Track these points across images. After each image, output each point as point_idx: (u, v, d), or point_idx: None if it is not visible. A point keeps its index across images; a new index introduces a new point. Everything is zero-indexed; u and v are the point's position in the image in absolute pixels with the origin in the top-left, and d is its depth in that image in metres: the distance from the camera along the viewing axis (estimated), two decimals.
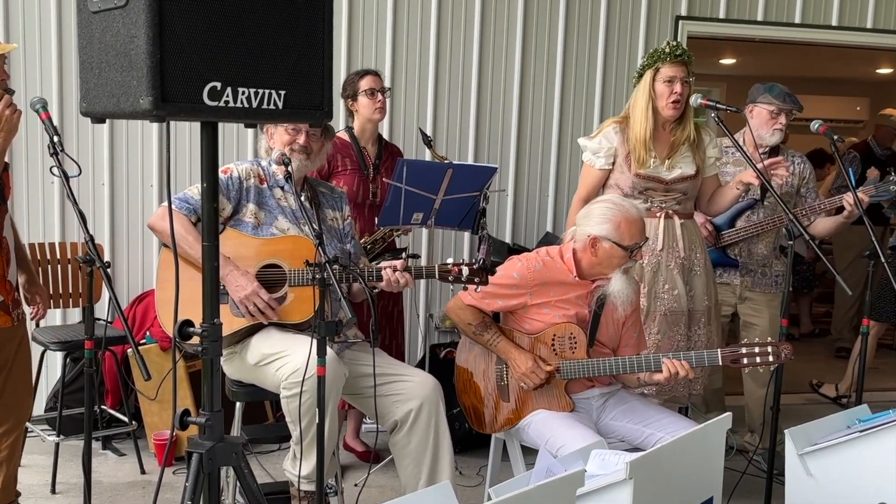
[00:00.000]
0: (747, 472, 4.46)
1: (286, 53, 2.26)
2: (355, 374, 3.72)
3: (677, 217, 4.47)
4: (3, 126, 3.42)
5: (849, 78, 11.34)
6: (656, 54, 4.37)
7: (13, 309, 3.77)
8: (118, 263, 5.71)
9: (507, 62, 6.16)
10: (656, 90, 4.37)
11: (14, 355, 3.87)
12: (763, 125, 4.93)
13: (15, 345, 3.87)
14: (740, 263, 5.05)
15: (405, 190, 4.55)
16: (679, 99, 4.35)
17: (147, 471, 4.97)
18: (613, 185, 4.48)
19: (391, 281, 3.60)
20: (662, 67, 4.36)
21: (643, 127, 4.36)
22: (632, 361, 3.74)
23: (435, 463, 3.71)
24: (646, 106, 4.38)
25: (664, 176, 4.40)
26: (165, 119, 2.11)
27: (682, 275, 4.44)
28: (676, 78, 4.35)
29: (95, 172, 5.60)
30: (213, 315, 2.41)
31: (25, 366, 3.99)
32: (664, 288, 4.40)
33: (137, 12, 2.03)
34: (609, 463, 2.89)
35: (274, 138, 3.86)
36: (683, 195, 4.49)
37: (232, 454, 2.48)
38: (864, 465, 3.27)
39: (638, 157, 4.36)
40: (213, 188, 2.41)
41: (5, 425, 3.93)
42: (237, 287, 3.61)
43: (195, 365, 5.12)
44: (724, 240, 5.03)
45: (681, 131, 4.45)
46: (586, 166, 4.57)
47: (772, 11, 6.54)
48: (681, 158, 4.45)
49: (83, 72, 2.24)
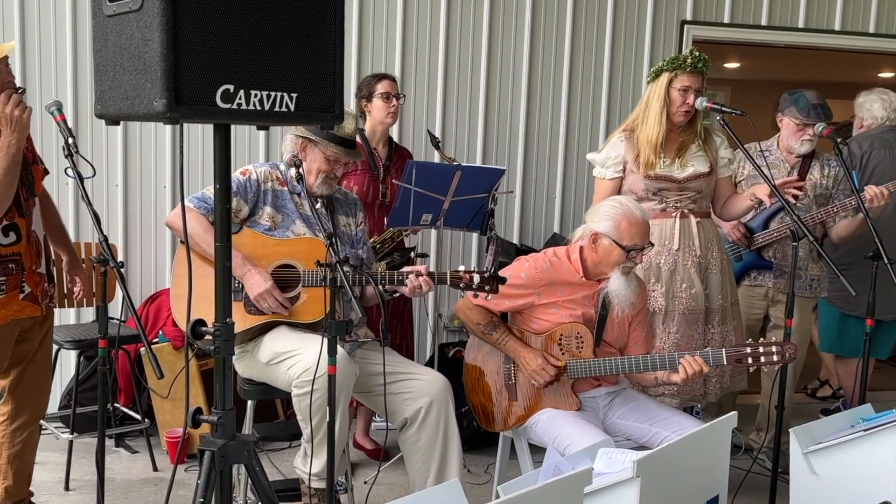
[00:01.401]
0: (752, 471, 4.45)
1: (298, 57, 2.25)
2: (366, 373, 3.71)
3: (693, 216, 4.45)
4: (14, 126, 3.43)
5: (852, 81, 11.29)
6: (678, 61, 4.35)
7: (42, 300, 3.81)
8: (131, 263, 5.72)
9: (515, 66, 6.16)
10: (671, 96, 4.36)
11: (36, 348, 3.92)
12: (791, 136, 4.88)
13: (39, 337, 3.92)
14: (774, 265, 5.00)
15: (414, 191, 4.55)
16: (690, 109, 4.36)
17: (159, 468, 4.97)
18: (628, 190, 4.47)
19: (415, 287, 3.58)
20: (681, 75, 4.34)
21: (656, 132, 4.35)
22: (643, 360, 3.73)
23: (444, 460, 3.71)
24: (661, 110, 4.36)
25: (676, 175, 4.38)
26: (179, 121, 2.10)
27: (699, 273, 4.43)
28: (691, 88, 4.35)
29: (109, 174, 5.60)
30: (225, 314, 2.40)
31: (45, 361, 4.03)
32: (682, 287, 4.39)
33: (152, 16, 2.02)
34: (616, 461, 2.88)
35: (307, 152, 3.85)
36: (698, 193, 4.46)
37: (243, 452, 2.47)
38: (867, 464, 3.26)
39: (647, 159, 4.35)
40: (226, 189, 2.40)
41: (20, 419, 3.95)
42: (253, 285, 3.61)
43: (207, 363, 5.13)
44: (757, 241, 5.01)
45: (689, 132, 4.45)
46: (598, 180, 4.56)
47: (775, 16, 6.53)
48: (692, 157, 4.43)
49: (98, 74, 2.23)
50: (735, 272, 5.00)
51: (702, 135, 4.49)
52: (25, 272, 3.72)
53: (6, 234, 3.65)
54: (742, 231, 4.99)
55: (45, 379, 4.07)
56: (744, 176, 5.06)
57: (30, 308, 3.76)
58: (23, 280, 3.72)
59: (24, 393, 3.93)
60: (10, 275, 3.67)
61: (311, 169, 3.83)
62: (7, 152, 3.44)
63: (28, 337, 3.86)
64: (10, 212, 3.62)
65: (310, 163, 3.83)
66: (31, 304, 3.76)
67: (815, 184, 4.97)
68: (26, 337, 3.86)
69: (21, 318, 3.75)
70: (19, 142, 3.46)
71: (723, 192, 4.63)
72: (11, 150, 3.44)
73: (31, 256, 3.74)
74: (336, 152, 3.79)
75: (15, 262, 3.69)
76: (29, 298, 3.75)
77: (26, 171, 3.70)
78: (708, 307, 4.48)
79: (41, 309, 3.81)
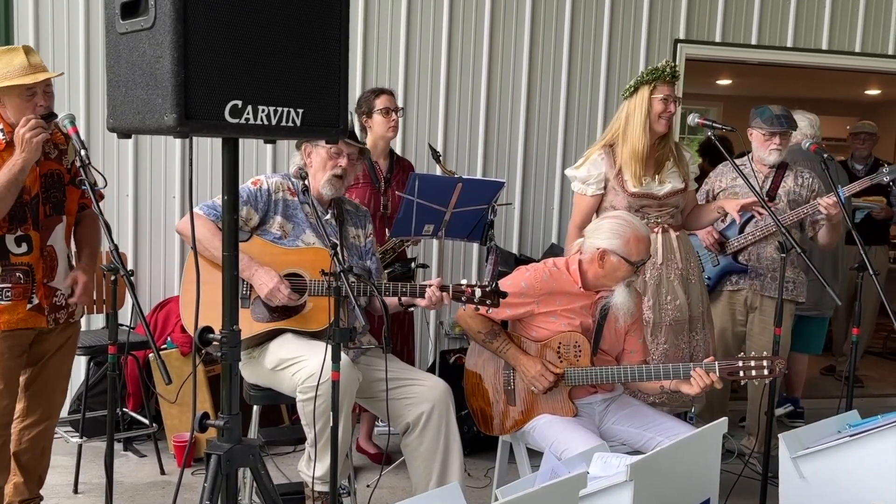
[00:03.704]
0: (743, 475, 4.45)
1: (304, 73, 2.27)
2: (369, 379, 3.71)
3: (673, 231, 4.48)
4: (24, 147, 3.51)
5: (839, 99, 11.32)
6: (657, 72, 4.37)
7: (49, 312, 3.80)
8: (141, 271, 5.71)
9: (515, 82, 6.18)
10: (653, 106, 4.36)
11: (53, 352, 3.93)
12: (760, 147, 4.97)
13: (59, 342, 3.93)
14: (749, 268, 5.05)
15: (417, 203, 4.56)
16: (670, 117, 4.38)
17: (167, 471, 4.97)
18: (609, 206, 4.46)
19: (433, 299, 3.60)
20: (660, 86, 4.37)
21: (641, 143, 4.36)
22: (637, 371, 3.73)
23: (445, 464, 3.70)
24: (644, 121, 4.37)
25: (657, 192, 4.40)
26: (189, 135, 2.11)
27: (682, 285, 4.45)
28: (670, 97, 4.38)
29: (120, 184, 5.61)
30: (232, 321, 2.41)
31: (62, 366, 4.03)
32: (667, 300, 4.40)
33: (163, 34, 2.04)
34: (611, 465, 2.89)
35: (311, 157, 3.86)
36: (676, 208, 4.50)
37: (249, 456, 2.48)
38: (853, 468, 3.27)
39: (633, 172, 4.36)
40: (234, 201, 2.41)
41: (31, 417, 3.96)
42: (261, 284, 3.62)
43: (214, 369, 5.13)
44: (731, 246, 5.05)
45: (664, 147, 4.48)
46: (578, 195, 4.56)
47: (765, 35, 6.56)
48: (668, 174, 4.46)
49: (110, 90, 2.25)
50: (713, 278, 5.07)
51: (675, 150, 4.52)
52: (36, 284, 3.74)
53: (18, 244, 3.69)
54: (716, 237, 5.06)
55: (61, 383, 4.06)
56: (722, 187, 5.11)
57: (35, 319, 3.76)
58: (33, 291, 3.73)
59: (36, 393, 3.94)
60: (17, 283, 3.69)
61: (317, 171, 3.84)
62: (11, 169, 3.53)
63: (46, 339, 3.88)
64: (24, 224, 3.67)
65: (315, 165, 3.84)
66: (37, 315, 3.77)
67: (788, 190, 5.05)
68: (45, 339, 3.87)
69: (27, 327, 3.76)
70: (25, 162, 3.53)
71: (689, 203, 4.68)
72: (15, 168, 3.53)
73: (43, 269, 3.76)
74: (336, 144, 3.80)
75: (24, 272, 3.71)
76: (36, 309, 3.76)
77: (57, 190, 3.78)
78: (691, 315, 4.51)
79: (46, 321, 3.80)
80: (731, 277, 5.11)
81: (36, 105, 3.63)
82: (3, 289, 3.68)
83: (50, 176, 3.77)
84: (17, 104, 3.62)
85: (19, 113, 3.62)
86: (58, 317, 3.85)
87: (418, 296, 3.63)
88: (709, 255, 5.11)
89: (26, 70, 3.59)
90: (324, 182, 3.83)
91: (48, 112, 3.65)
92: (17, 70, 3.58)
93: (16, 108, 3.63)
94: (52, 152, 3.81)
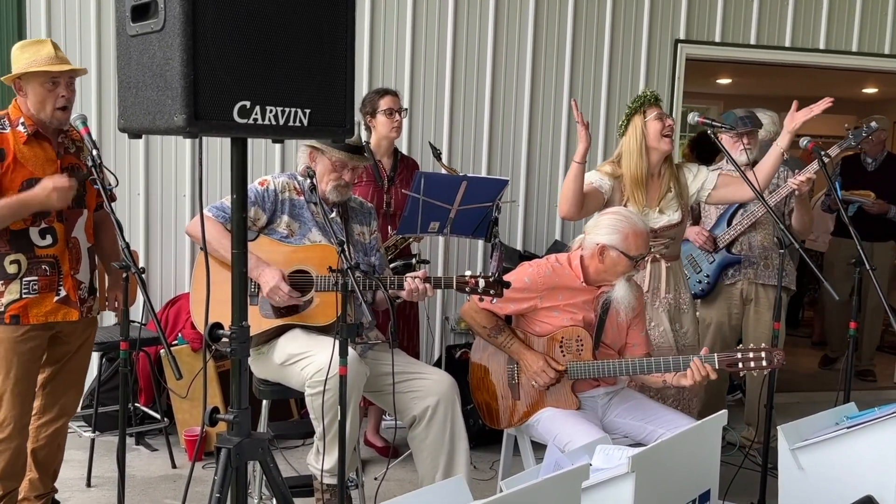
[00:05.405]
0: (743, 466, 4.45)
1: (312, 74, 2.27)
2: (376, 373, 3.71)
3: (664, 261, 4.44)
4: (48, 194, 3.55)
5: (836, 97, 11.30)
6: (640, 98, 4.37)
7: (80, 304, 3.81)
8: (152, 269, 5.73)
9: (518, 83, 6.18)
10: (649, 128, 4.33)
11: (74, 352, 3.93)
12: (732, 149, 4.92)
13: (78, 342, 3.94)
14: (742, 257, 5.10)
15: (423, 200, 4.56)
16: (671, 133, 4.35)
17: (178, 465, 4.98)
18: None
19: (411, 290, 3.61)
20: (649, 108, 4.35)
21: (638, 166, 4.31)
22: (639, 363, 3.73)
23: (451, 457, 3.71)
24: (639, 147, 4.32)
25: (653, 224, 4.34)
26: (198, 135, 2.11)
27: (667, 314, 4.41)
28: (663, 113, 4.37)
29: (131, 183, 5.62)
30: (241, 318, 2.41)
31: (80, 366, 4.04)
32: (651, 325, 4.36)
33: (173, 36, 2.04)
34: (613, 457, 2.88)
35: (316, 162, 3.87)
36: (671, 240, 4.46)
37: (258, 449, 2.48)
38: (851, 460, 3.26)
39: (637, 199, 4.32)
40: (243, 199, 2.41)
41: (47, 415, 3.96)
42: (264, 283, 3.63)
43: (224, 365, 5.13)
44: (723, 240, 5.09)
45: (667, 169, 4.43)
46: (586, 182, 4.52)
47: (763, 35, 6.57)
48: (667, 204, 4.41)
49: (121, 91, 2.25)
50: (712, 275, 5.08)
51: (677, 177, 4.48)
52: (63, 275, 3.74)
53: (43, 236, 3.70)
54: (707, 235, 5.09)
55: (78, 382, 4.07)
56: None
57: (64, 311, 3.76)
58: (60, 283, 3.73)
59: (54, 391, 3.94)
60: (43, 276, 3.69)
61: (322, 176, 3.85)
62: (21, 200, 3.57)
63: (68, 340, 3.88)
64: (48, 216, 3.68)
65: (320, 171, 3.84)
66: (65, 307, 3.76)
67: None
68: (66, 340, 3.87)
69: (56, 320, 3.76)
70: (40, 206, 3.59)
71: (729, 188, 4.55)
72: (28, 204, 3.58)
73: (69, 261, 3.76)
74: (340, 157, 3.80)
75: (50, 263, 3.71)
76: (64, 301, 3.75)
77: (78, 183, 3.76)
78: (685, 344, 4.46)
79: (78, 313, 3.80)
80: (727, 271, 5.14)
81: (58, 96, 3.65)
82: (30, 282, 3.67)
83: (70, 169, 3.76)
84: (40, 93, 3.63)
85: (41, 103, 3.63)
86: (86, 309, 3.86)
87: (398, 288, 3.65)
88: (704, 255, 5.13)
89: (53, 61, 3.62)
90: (330, 189, 3.84)
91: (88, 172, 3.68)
92: (43, 59, 3.60)
93: (38, 98, 3.63)
94: (71, 147, 3.82)
